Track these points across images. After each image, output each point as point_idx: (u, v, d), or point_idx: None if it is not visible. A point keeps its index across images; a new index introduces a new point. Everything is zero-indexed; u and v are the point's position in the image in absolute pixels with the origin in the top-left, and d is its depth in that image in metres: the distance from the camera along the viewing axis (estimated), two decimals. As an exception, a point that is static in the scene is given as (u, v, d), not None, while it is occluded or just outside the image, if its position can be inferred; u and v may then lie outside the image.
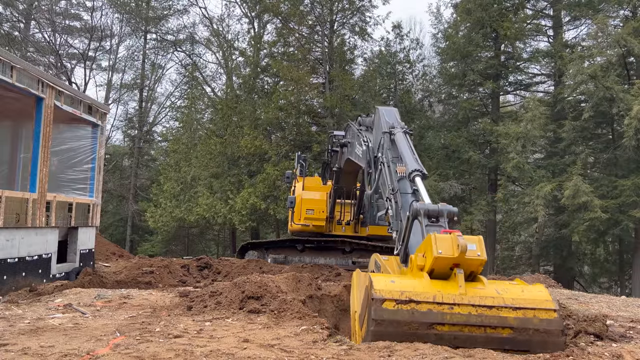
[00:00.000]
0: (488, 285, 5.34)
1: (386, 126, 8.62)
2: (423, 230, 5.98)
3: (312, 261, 15.28)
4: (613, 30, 22.98)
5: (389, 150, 8.24)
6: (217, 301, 6.58)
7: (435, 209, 6.11)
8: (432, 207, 6.12)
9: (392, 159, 7.98)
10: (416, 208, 6.10)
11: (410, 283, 5.35)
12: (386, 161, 8.14)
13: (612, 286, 29.57)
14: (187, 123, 31.81)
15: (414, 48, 31.98)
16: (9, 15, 30.77)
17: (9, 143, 13.16)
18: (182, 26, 35.88)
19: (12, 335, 5.14)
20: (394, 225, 7.36)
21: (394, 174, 7.70)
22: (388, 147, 8.30)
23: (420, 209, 6.05)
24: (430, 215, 6.06)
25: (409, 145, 8.10)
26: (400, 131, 8.45)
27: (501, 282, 5.70)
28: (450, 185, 27.50)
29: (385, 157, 8.22)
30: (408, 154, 7.74)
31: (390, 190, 7.71)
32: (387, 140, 8.40)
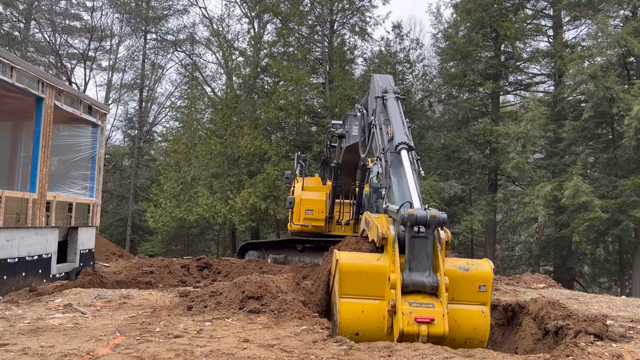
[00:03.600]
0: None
1: (379, 91, 8.63)
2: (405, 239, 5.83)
3: (312, 261, 15.27)
4: (613, 30, 22.97)
5: (382, 114, 8.24)
6: (217, 301, 6.58)
7: (423, 217, 5.78)
8: (420, 216, 5.79)
9: (384, 122, 7.99)
10: (404, 216, 5.80)
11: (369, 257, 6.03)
12: (378, 124, 8.15)
13: (612, 286, 29.57)
14: (187, 123, 31.78)
15: (414, 48, 31.99)
16: (9, 15, 30.76)
17: (9, 143, 13.17)
18: (182, 26, 35.89)
19: (12, 335, 5.14)
20: (383, 183, 7.36)
21: (385, 135, 7.69)
22: (381, 111, 8.32)
23: (408, 219, 5.76)
24: (418, 224, 5.80)
25: (400, 112, 8.09)
26: (393, 96, 8.44)
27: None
28: (450, 185, 27.49)
29: (378, 120, 8.24)
30: (397, 123, 7.73)
31: (381, 150, 7.70)
32: (379, 105, 8.41)
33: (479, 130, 28.80)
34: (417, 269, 5.69)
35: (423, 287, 5.61)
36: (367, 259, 5.99)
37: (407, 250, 5.77)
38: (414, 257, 5.72)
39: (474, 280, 5.87)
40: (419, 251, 5.72)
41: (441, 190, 26.88)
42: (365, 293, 5.78)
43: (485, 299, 5.89)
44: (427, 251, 5.74)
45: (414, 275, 5.65)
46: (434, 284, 5.62)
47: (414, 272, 5.67)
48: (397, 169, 6.94)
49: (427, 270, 5.69)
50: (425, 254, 5.73)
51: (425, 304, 5.52)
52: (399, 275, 5.60)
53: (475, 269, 5.95)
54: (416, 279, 5.62)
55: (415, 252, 5.73)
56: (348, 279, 5.84)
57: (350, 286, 5.82)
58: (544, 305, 6.67)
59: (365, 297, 5.78)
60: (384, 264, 5.81)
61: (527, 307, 7.17)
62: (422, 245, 5.73)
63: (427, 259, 5.72)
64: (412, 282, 5.62)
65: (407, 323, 5.32)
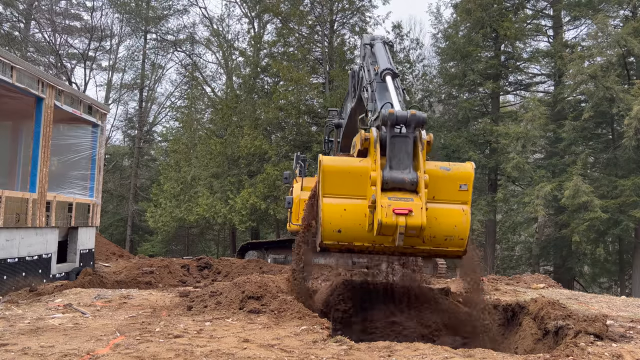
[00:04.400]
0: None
1: (368, 40, 8.77)
2: (386, 140, 5.93)
3: (312, 261, 15.28)
4: (613, 30, 22.98)
5: (370, 58, 8.32)
6: (217, 301, 6.58)
7: (403, 116, 5.89)
8: (400, 115, 5.90)
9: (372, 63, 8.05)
10: (384, 115, 5.90)
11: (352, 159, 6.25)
12: (366, 66, 8.21)
13: (612, 286, 29.57)
14: (187, 123, 31.79)
15: (414, 48, 32.01)
16: (9, 15, 30.77)
17: (9, 143, 13.17)
18: (182, 26, 35.93)
19: (12, 335, 5.14)
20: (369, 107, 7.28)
21: (372, 72, 7.73)
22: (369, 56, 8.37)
23: (389, 118, 5.86)
24: (398, 123, 5.91)
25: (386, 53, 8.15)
26: (380, 42, 8.54)
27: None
28: (451, 185, 27.46)
29: (366, 63, 8.31)
30: (383, 59, 7.79)
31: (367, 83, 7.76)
32: (368, 51, 8.48)
33: (479, 130, 28.80)
34: (398, 167, 5.82)
35: (403, 184, 5.71)
36: (349, 160, 6.22)
37: (388, 149, 5.87)
38: (394, 156, 5.84)
39: (455, 179, 5.98)
40: (400, 150, 5.85)
41: (441, 190, 26.85)
42: (347, 193, 5.92)
43: (466, 198, 6.06)
44: (407, 150, 5.87)
45: (395, 172, 5.77)
46: (414, 180, 5.73)
47: (395, 170, 5.80)
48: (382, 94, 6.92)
49: (408, 168, 5.81)
50: (405, 152, 5.86)
51: (404, 198, 5.63)
52: (379, 173, 5.71)
53: (457, 168, 6.07)
54: (396, 176, 5.74)
55: (395, 151, 5.85)
56: (331, 179, 5.97)
57: (333, 186, 5.95)
58: (544, 305, 6.67)
59: (348, 197, 5.91)
60: (366, 164, 5.94)
61: (527, 307, 7.17)
62: (403, 144, 5.86)
63: (407, 158, 5.85)
64: (392, 179, 5.72)
65: (385, 215, 5.45)
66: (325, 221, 5.85)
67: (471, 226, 6.10)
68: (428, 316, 7.81)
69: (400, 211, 5.42)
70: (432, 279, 11.53)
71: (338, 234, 5.79)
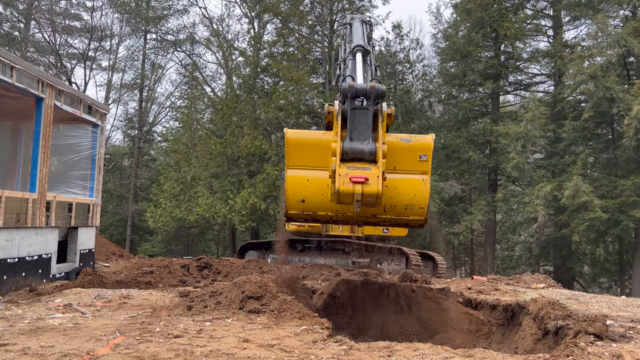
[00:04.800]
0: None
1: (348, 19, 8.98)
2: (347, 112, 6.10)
3: (312, 261, 15.29)
4: (613, 30, 22.98)
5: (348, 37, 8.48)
6: (217, 301, 6.57)
7: (363, 88, 6.06)
8: (360, 87, 6.08)
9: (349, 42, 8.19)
10: (344, 88, 6.06)
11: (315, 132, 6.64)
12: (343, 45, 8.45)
13: (612, 286, 29.57)
14: (187, 123, 31.77)
15: (414, 48, 31.98)
16: (9, 15, 30.75)
17: (9, 143, 13.16)
18: (182, 26, 35.87)
19: (12, 335, 5.13)
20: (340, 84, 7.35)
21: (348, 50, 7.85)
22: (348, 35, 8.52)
23: (349, 91, 6.04)
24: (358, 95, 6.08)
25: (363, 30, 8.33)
26: (358, 21, 8.70)
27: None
28: (450, 185, 27.50)
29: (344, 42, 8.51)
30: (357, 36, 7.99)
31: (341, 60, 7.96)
32: (348, 31, 8.62)
33: (479, 130, 28.80)
34: (358, 138, 6.02)
35: (362, 154, 5.93)
36: (313, 133, 6.64)
37: (348, 121, 6.07)
38: (355, 128, 6.05)
39: (415, 150, 6.20)
40: (360, 122, 6.05)
41: (441, 190, 26.86)
42: (310, 164, 6.19)
43: (425, 168, 6.26)
44: (367, 122, 6.06)
45: (354, 143, 5.99)
46: (372, 151, 5.93)
47: (355, 141, 6.01)
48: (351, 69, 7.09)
49: (367, 139, 6.01)
50: (365, 124, 6.05)
51: (362, 168, 5.86)
52: (339, 144, 5.95)
53: (417, 139, 6.31)
54: (355, 147, 5.96)
55: (356, 123, 6.05)
56: (294, 151, 6.25)
57: (297, 158, 6.23)
58: (544, 305, 6.67)
59: (311, 168, 6.19)
60: (328, 137, 6.17)
61: (527, 307, 7.17)
62: (363, 116, 6.06)
63: (367, 129, 6.04)
64: (351, 150, 5.96)
65: (342, 183, 5.70)
66: (289, 192, 6.16)
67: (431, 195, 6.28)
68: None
69: (357, 179, 5.65)
70: (432, 279, 11.54)
71: (302, 203, 6.10)
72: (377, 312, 8.43)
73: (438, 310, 8.33)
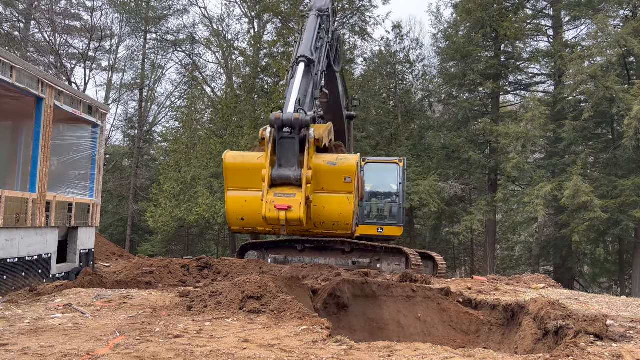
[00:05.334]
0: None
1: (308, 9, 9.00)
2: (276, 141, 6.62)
3: (312, 261, 15.29)
4: (613, 30, 22.98)
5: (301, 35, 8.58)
6: (217, 301, 6.57)
7: (288, 119, 6.53)
8: (285, 119, 6.54)
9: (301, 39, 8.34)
10: (271, 120, 6.57)
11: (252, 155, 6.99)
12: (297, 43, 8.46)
13: (612, 286, 29.58)
14: (187, 123, 31.76)
15: (414, 48, 32.00)
16: (9, 15, 30.74)
17: (9, 143, 13.16)
18: (182, 26, 35.84)
19: (12, 335, 5.13)
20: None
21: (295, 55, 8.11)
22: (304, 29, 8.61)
23: (275, 123, 6.56)
24: (284, 126, 6.55)
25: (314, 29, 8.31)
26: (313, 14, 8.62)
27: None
28: (450, 185, 27.50)
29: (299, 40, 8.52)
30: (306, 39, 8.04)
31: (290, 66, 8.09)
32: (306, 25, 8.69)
33: (479, 130, 28.81)
34: (286, 164, 6.57)
35: (289, 180, 6.51)
36: (249, 157, 6.99)
37: (277, 149, 6.62)
38: (283, 155, 6.59)
39: (341, 172, 6.66)
40: (287, 150, 6.58)
41: (441, 190, 26.86)
42: (247, 186, 6.74)
43: (350, 189, 6.67)
44: (294, 150, 6.57)
45: (282, 170, 6.54)
46: (298, 177, 6.47)
47: (283, 168, 6.56)
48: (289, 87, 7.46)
49: (295, 165, 6.54)
50: (292, 152, 6.57)
51: (287, 194, 6.44)
52: (268, 171, 6.51)
53: (342, 163, 6.74)
54: (283, 173, 6.52)
55: (284, 151, 6.59)
56: (232, 175, 6.85)
57: (235, 180, 6.83)
58: (544, 305, 6.66)
59: (248, 189, 6.74)
60: (262, 161, 6.68)
61: (527, 307, 7.17)
62: (290, 145, 6.58)
63: (294, 156, 6.56)
64: (279, 176, 6.53)
65: (268, 210, 6.33)
66: (229, 211, 6.84)
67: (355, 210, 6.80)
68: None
69: (281, 207, 6.27)
70: (432, 279, 11.54)
71: (241, 221, 6.80)
72: (377, 312, 8.44)
73: (438, 310, 8.33)
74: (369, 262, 15.18)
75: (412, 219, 29.91)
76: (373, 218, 15.67)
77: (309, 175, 6.44)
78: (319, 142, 6.77)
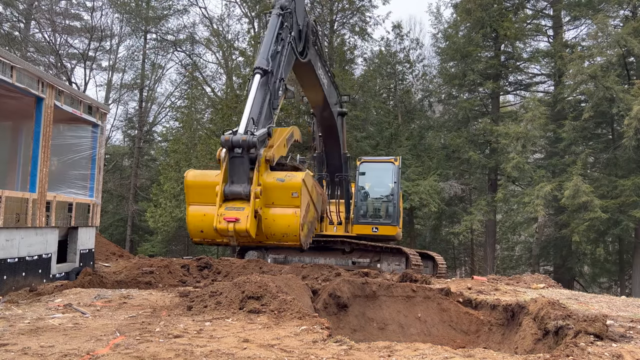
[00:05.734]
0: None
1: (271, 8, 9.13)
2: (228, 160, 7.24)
3: (312, 261, 15.28)
4: (613, 30, 22.98)
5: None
6: (217, 301, 6.57)
7: (237, 141, 7.15)
8: (234, 140, 7.16)
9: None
10: (221, 142, 7.19)
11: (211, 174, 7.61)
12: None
13: (612, 286, 29.58)
14: (187, 123, 31.76)
15: (414, 48, 32.00)
16: (9, 15, 30.73)
17: (9, 143, 13.15)
18: (182, 26, 35.85)
19: (12, 335, 5.13)
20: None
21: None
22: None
23: (224, 145, 7.20)
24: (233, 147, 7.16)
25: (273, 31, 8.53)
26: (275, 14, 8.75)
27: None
28: (450, 185, 27.50)
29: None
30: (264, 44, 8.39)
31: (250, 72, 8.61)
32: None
33: (479, 130, 28.81)
34: (237, 181, 7.20)
35: (239, 195, 7.15)
36: (207, 175, 7.62)
37: (229, 167, 7.26)
38: (234, 173, 7.23)
39: (288, 188, 7.28)
40: (238, 168, 7.21)
41: (441, 190, 26.85)
42: (206, 201, 7.34)
43: (297, 203, 7.26)
44: (244, 168, 7.22)
45: (234, 186, 7.18)
46: (247, 193, 7.11)
47: (234, 185, 7.19)
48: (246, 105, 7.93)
49: (245, 182, 7.18)
50: (243, 170, 7.21)
51: (237, 208, 7.07)
52: (221, 187, 7.17)
53: (290, 180, 7.35)
54: (234, 190, 7.16)
55: (235, 169, 7.22)
56: (192, 192, 7.52)
57: (194, 197, 7.49)
58: (544, 305, 6.66)
59: (206, 204, 7.34)
60: (219, 179, 7.31)
61: (527, 307, 7.16)
62: (240, 164, 7.21)
63: (244, 174, 7.21)
64: (231, 192, 7.17)
65: (218, 222, 6.96)
66: (190, 224, 7.48)
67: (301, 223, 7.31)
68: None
69: (229, 219, 6.90)
70: (432, 279, 11.54)
71: (201, 233, 7.40)
72: (377, 312, 8.44)
73: (438, 310, 8.33)
74: (369, 262, 15.18)
75: (412, 219, 29.92)
76: (368, 217, 15.66)
77: (257, 191, 7.08)
78: (270, 162, 7.47)
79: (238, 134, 7.26)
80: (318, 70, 11.34)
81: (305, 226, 7.46)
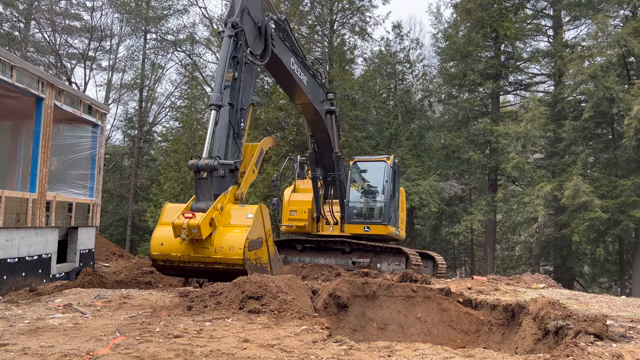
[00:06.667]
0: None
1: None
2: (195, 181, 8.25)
3: (312, 261, 15.28)
4: (613, 30, 22.98)
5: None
6: (217, 301, 6.57)
7: (202, 165, 8.06)
8: (200, 165, 8.07)
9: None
10: (188, 165, 8.14)
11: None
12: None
13: (612, 286, 29.59)
14: (187, 123, 31.76)
15: (414, 48, 32.01)
16: (9, 15, 30.73)
17: (9, 143, 13.16)
18: (182, 26, 35.87)
19: (12, 335, 5.13)
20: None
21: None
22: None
23: (190, 168, 8.16)
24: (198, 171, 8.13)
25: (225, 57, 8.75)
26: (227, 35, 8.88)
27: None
28: (450, 185, 27.51)
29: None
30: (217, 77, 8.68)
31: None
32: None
33: (479, 130, 28.81)
34: (203, 199, 8.23)
35: (203, 210, 8.04)
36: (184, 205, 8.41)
37: (196, 187, 8.29)
38: (200, 192, 8.26)
39: (245, 211, 8.43)
40: (203, 188, 8.24)
41: (441, 190, 26.86)
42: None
43: (249, 223, 8.24)
44: (208, 188, 8.25)
45: (199, 203, 8.19)
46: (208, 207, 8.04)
47: (200, 202, 8.21)
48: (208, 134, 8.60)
49: (208, 200, 8.18)
50: (207, 189, 8.25)
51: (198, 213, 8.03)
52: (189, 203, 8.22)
53: (249, 205, 8.60)
54: (199, 206, 8.16)
55: (200, 189, 8.25)
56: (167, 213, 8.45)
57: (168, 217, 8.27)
58: (544, 305, 6.66)
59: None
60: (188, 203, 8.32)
61: (527, 307, 7.16)
62: (204, 185, 8.23)
63: (208, 192, 8.26)
64: (196, 207, 8.14)
65: (178, 218, 7.83)
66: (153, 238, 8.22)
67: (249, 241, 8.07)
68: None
69: (187, 215, 7.82)
70: (432, 279, 11.54)
71: (161, 246, 8.12)
72: (377, 312, 8.44)
73: (438, 310, 8.33)
74: (369, 262, 15.17)
75: (412, 219, 29.92)
76: (360, 217, 15.66)
77: (217, 205, 8.06)
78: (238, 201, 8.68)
79: (202, 158, 8.16)
80: (291, 66, 11.14)
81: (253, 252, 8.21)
